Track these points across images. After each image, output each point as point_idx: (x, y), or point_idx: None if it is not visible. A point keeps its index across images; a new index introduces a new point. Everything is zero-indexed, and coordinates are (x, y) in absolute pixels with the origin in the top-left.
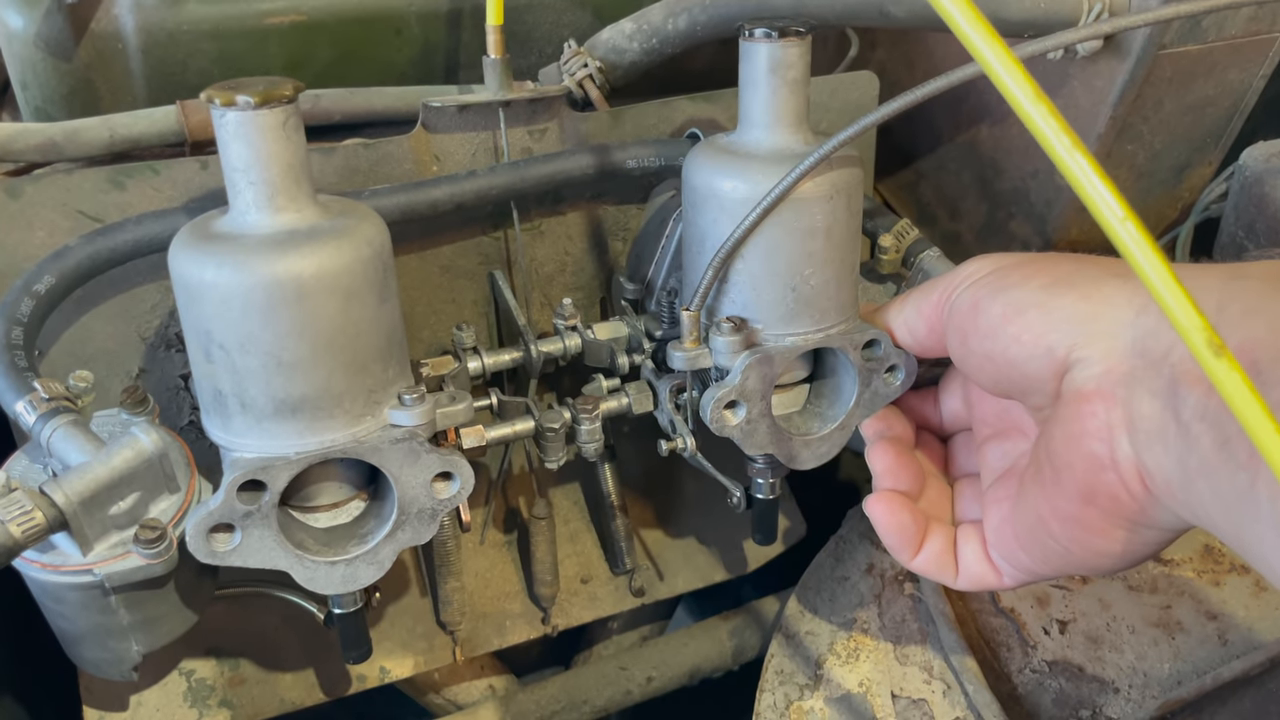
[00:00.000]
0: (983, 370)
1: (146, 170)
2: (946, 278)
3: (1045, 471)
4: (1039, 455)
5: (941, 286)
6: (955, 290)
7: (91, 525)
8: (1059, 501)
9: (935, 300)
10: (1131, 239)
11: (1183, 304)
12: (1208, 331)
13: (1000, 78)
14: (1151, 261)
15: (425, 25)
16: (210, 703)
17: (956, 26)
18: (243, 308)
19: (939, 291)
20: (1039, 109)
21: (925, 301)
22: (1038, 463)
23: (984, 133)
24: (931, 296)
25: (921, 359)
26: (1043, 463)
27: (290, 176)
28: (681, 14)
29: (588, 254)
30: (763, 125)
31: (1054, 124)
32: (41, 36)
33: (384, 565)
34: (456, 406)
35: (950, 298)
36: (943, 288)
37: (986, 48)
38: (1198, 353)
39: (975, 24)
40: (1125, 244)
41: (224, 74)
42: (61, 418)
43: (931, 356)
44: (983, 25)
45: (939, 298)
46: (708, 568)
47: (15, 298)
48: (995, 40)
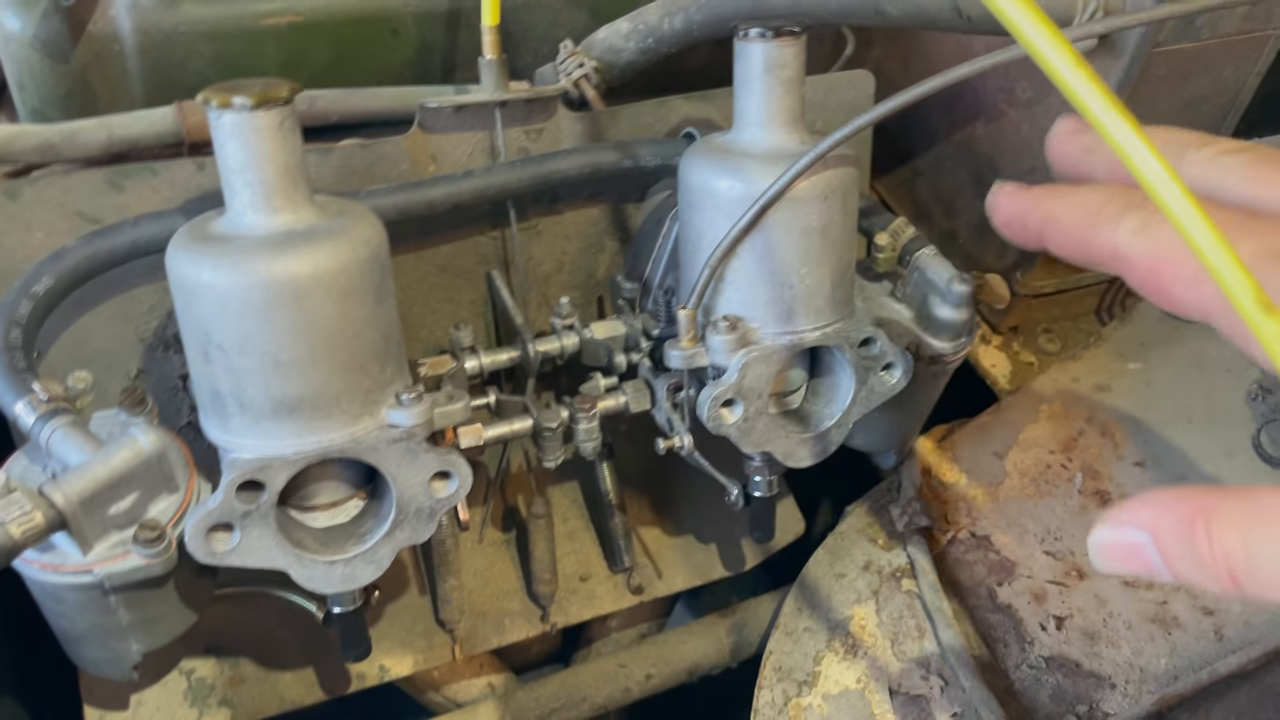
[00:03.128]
0: None
1: (144, 171)
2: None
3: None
4: None
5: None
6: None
7: (91, 525)
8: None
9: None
10: (1175, 200)
11: (1229, 264)
12: (1256, 290)
13: (1029, 38)
14: (1196, 221)
15: (422, 26)
16: (210, 702)
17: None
18: (240, 308)
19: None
20: (1078, 75)
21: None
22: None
23: (980, 130)
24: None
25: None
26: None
27: (287, 177)
28: (677, 14)
29: (585, 253)
30: (758, 124)
31: (1093, 87)
32: (39, 38)
33: (382, 564)
34: (454, 406)
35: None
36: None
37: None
38: (1245, 313)
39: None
40: (1168, 205)
41: (221, 75)
42: (60, 418)
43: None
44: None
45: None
46: (706, 565)
47: (14, 299)
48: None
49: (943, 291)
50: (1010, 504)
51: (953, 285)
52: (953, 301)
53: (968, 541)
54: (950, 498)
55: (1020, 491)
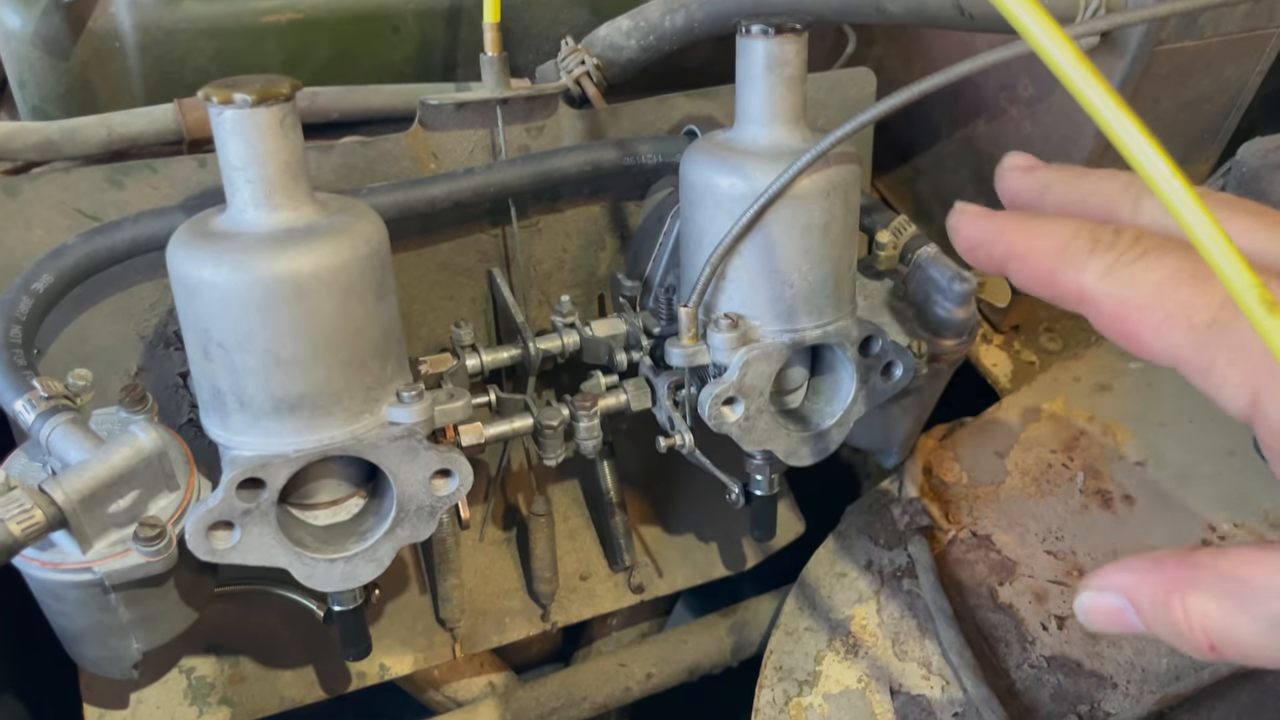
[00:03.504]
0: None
1: (145, 169)
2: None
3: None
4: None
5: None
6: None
7: (91, 523)
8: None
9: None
10: (1179, 197)
11: (1233, 262)
12: (1259, 289)
13: (1037, 38)
14: (1200, 220)
15: (422, 23)
16: (210, 700)
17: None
18: (241, 306)
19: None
20: (1079, 70)
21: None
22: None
23: (981, 128)
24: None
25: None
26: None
27: (288, 174)
28: (679, 11)
29: (585, 251)
30: (760, 122)
31: (1097, 85)
32: (39, 35)
33: (383, 562)
34: (455, 404)
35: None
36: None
37: (1024, 12)
38: (1250, 312)
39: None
40: (1172, 201)
41: (222, 72)
42: (61, 416)
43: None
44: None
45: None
46: (706, 564)
47: (14, 296)
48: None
49: (944, 290)
50: (1012, 503)
51: (954, 284)
52: (954, 300)
53: (969, 541)
54: (951, 497)
55: (1022, 491)
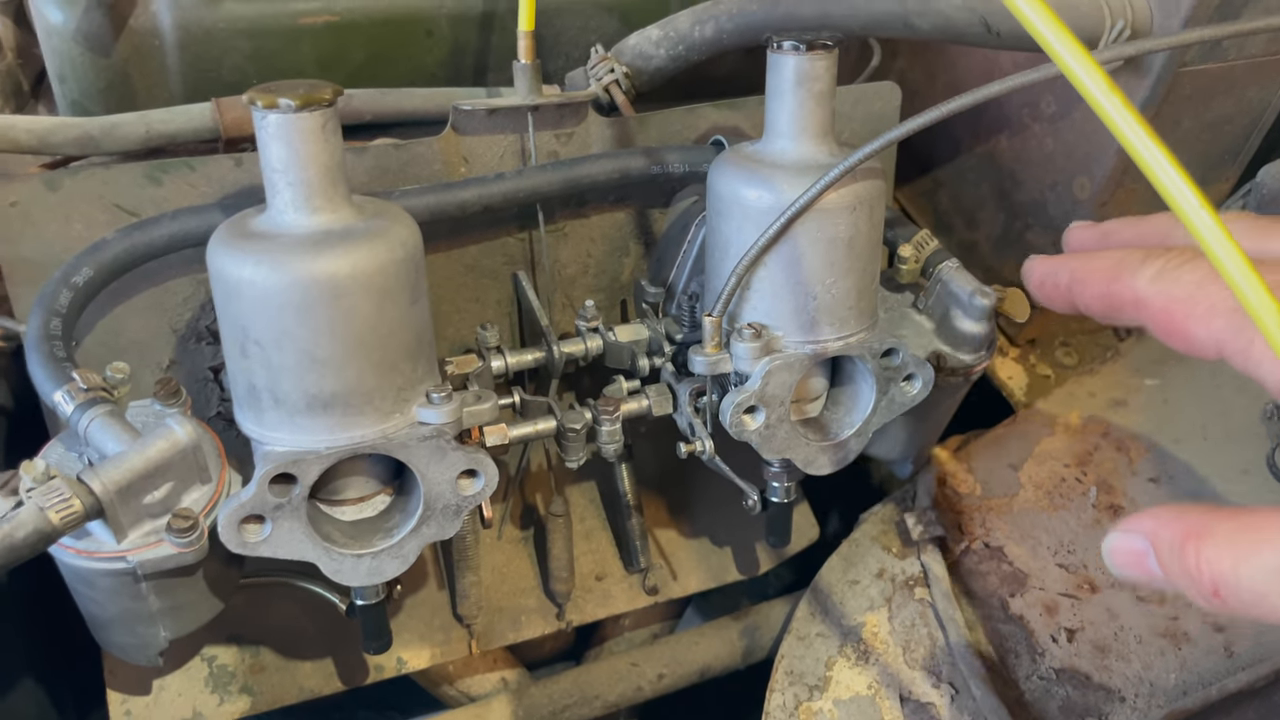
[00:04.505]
0: None
1: (183, 166)
2: None
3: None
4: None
5: None
6: None
7: (126, 513)
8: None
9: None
10: (1206, 226)
11: (1259, 292)
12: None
13: (1068, 65)
14: (1226, 248)
15: (456, 27)
16: (231, 689)
17: (1029, 24)
18: (279, 305)
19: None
20: (1111, 100)
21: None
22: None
23: (1003, 144)
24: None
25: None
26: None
27: (327, 178)
28: (708, 22)
29: (610, 257)
30: (788, 135)
31: (1127, 113)
32: (81, 31)
33: (408, 559)
34: (482, 405)
35: None
36: None
37: (1057, 41)
38: (1273, 340)
39: (1049, 22)
40: (1199, 230)
41: (258, 72)
42: (99, 408)
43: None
44: (1052, 18)
45: None
46: (720, 568)
47: (54, 289)
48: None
49: (965, 304)
50: (1024, 516)
51: (975, 298)
52: (975, 315)
53: (981, 552)
54: (965, 508)
55: (1035, 504)
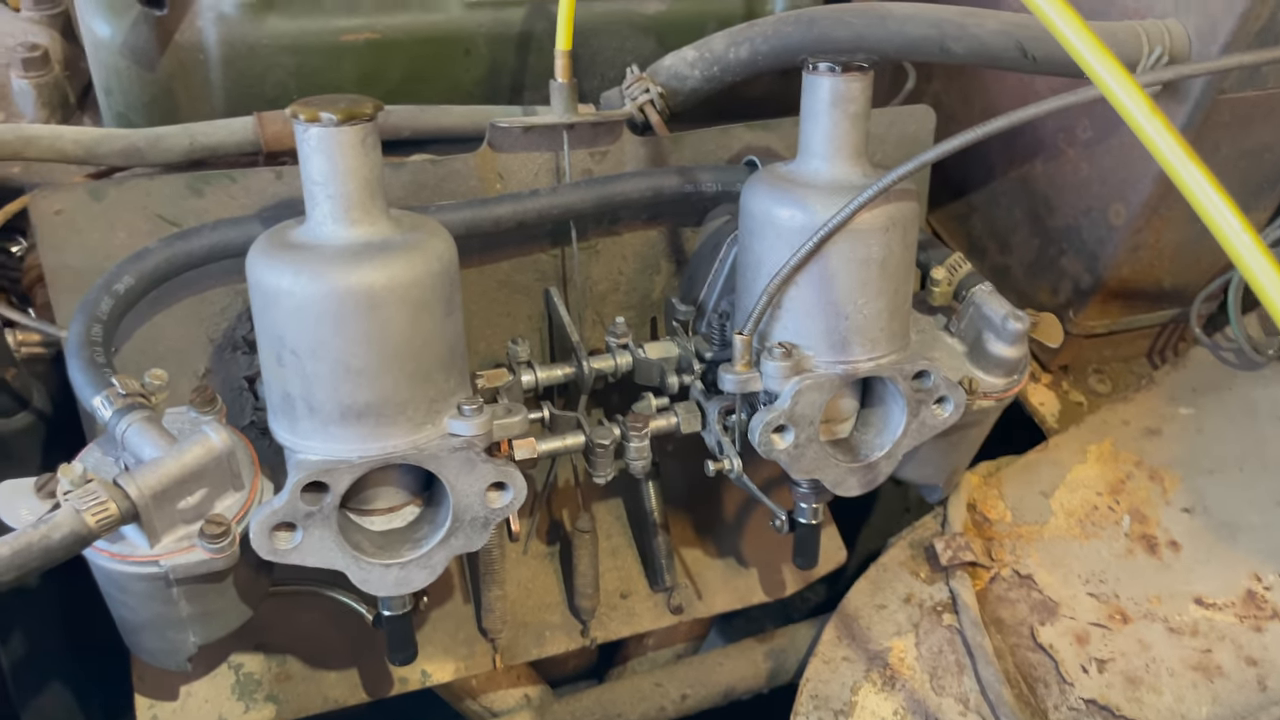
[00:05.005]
0: None
1: (224, 178)
2: None
3: None
4: None
5: None
6: None
7: (161, 518)
8: None
9: None
10: (1247, 249)
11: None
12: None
13: (1113, 92)
14: (1268, 273)
15: (493, 47)
16: (257, 697)
17: (1070, 47)
18: (316, 315)
19: None
20: (1153, 122)
21: None
22: None
23: (1038, 169)
24: None
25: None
26: None
27: (366, 191)
28: (743, 43)
29: (641, 274)
30: (822, 156)
31: (1170, 138)
32: (128, 45)
33: (436, 570)
34: (513, 419)
35: None
36: None
37: (1098, 63)
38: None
39: (1090, 44)
40: (1240, 254)
41: (300, 87)
42: (137, 413)
43: None
44: (1096, 43)
45: None
46: (746, 589)
47: (96, 296)
48: (1109, 58)
49: (998, 328)
50: (1055, 544)
51: (1008, 322)
52: (1007, 338)
53: (1011, 579)
54: (995, 534)
55: (1066, 531)
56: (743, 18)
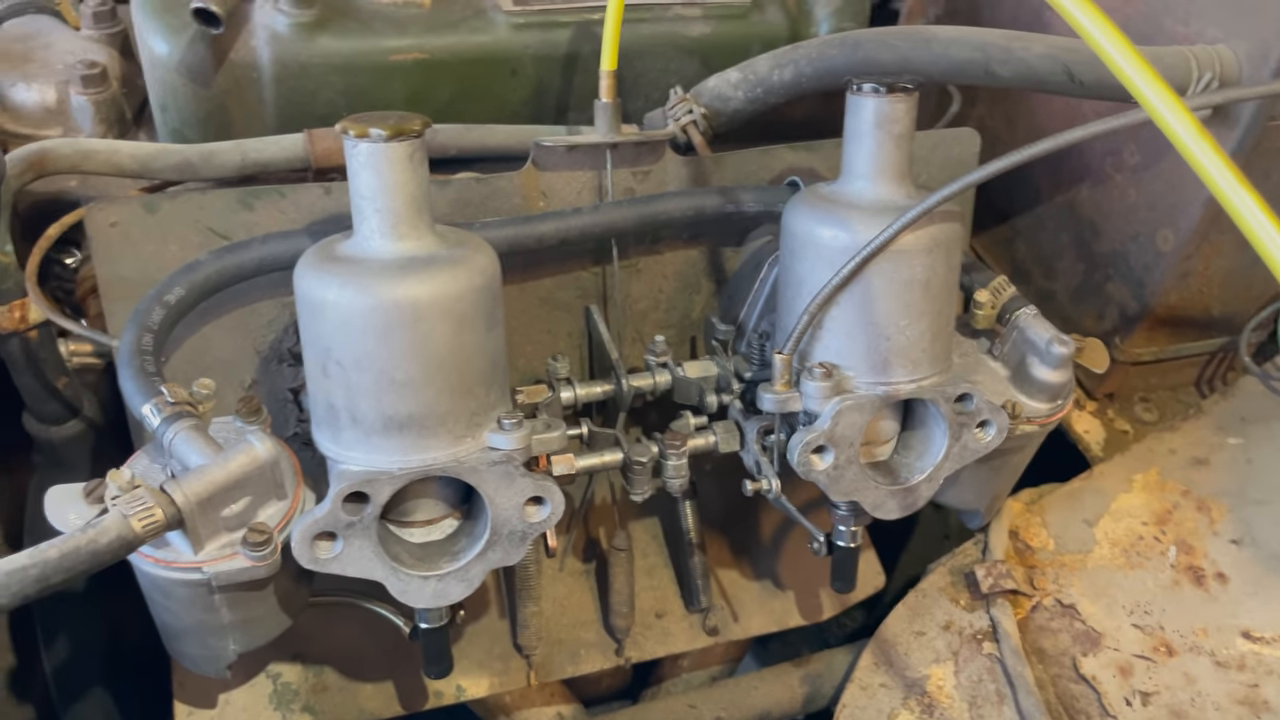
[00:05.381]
0: None
1: (274, 193)
2: None
3: None
4: None
5: None
6: None
7: (205, 525)
8: None
9: None
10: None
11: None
12: None
13: (1162, 116)
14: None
15: (540, 67)
16: (294, 707)
17: (1118, 69)
18: (361, 327)
19: None
20: (1203, 147)
21: None
22: None
23: (1084, 194)
24: None
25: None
26: None
27: (413, 206)
28: (787, 66)
29: (681, 293)
30: (865, 177)
31: (1218, 160)
32: (184, 63)
33: (473, 583)
34: (551, 434)
35: None
36: None
37: (1147, 86)
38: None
39: (1138, 67)
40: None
41: (350, 106)
42: (184, 422)
43: None
44: (1144, 66)
45: None
46: (783, 612)
47: (148, 306)
48: (1157, 80)
49: (1042, 352)
50: (1099, 573)
51: (1052, 346)
52: (1052, 363)
53: (1053, 608)
54: (1037, 562)
55: (1110, 561)
56: (787, 40)
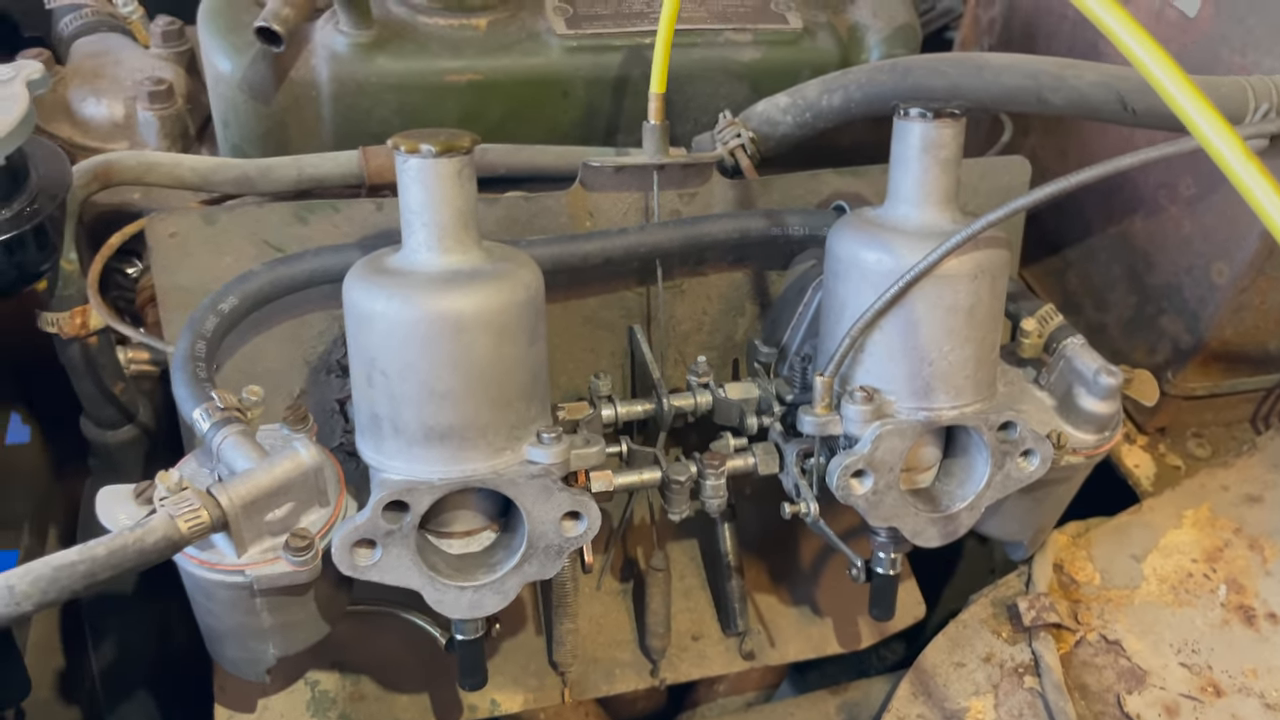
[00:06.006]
0: None
1: (328, 208)
2: None
3: None
4: None
5: None
6: None
7: (249, 528)
8: None
9: None
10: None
11: None
12: None
13: (1213, 145)
14: None
15: (590, 90)
16: (331, 714)
17: (1169, 96)
18: (405, 338)
19: None
20: (1257, 178)
21: None
22: None
23: (1137, 225)
24: None
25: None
26: None
27: (460, 221)
28: (837, 91)
29: (725, 315)
30: (911, 201)
31: (1271, 191)
32: (246, 80)
33: (509, 595)
34: (590, 449)
35: None
36: None
37: (1198, 114)
38: None
39: (1189, 94)
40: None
41: (404, 124)
42: (232, 427)
43: None
44: (1196, 94)
45: None
46: (820, 639)
47: (202, 314)
48: (1209, 108)
49: (1089, 382)
50: (1146, 610)
51: (1100, 377)
52: (1099, 393)
53: (1098, 644)
54: (1082, 596)
55: (1158, 598)
56: (837, 66)
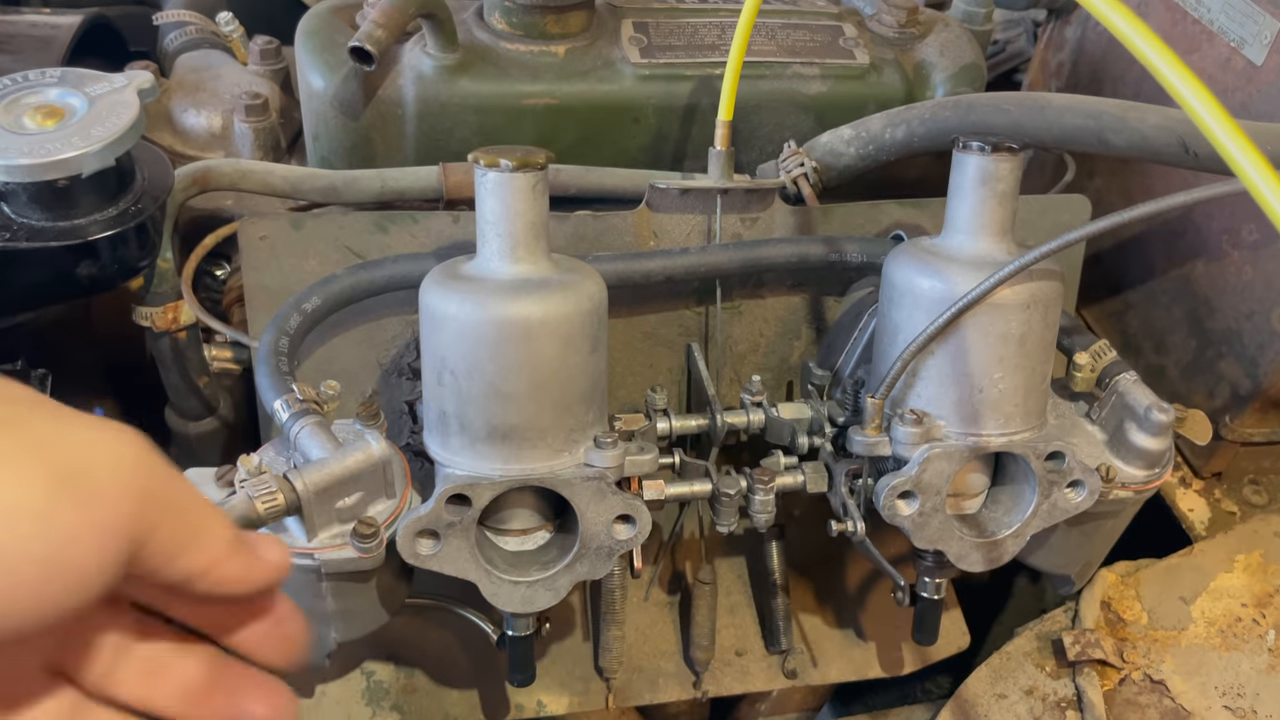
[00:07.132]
0: None
1: (407, 219)
2: None
3: None
4: None
5: None
6: None
7: (320, 514)
8: None
9: None
10: None
11: None
12: None
13: (1259, 189)
14: None
15: (660, 117)
16: (384, 704)
17: (1216, 140)
18: (475, 340)
19: None
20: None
21: None
22: None
23: (1199, 269)
24: None
25: None
26: None
27: (531, 233)
28: (900, 125)
29: (781, 338)
30: (967, 232)
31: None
32: (337, 97)
33: (560, 593)
34: (644, 457)
35: None
36: None
37: (1244, 159)
38: None
39: (1237, 140)
40: None
41: (483, 144)
42: (309, 418)
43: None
44: (1242, 139)
45: None
46: (863, 662)
47: (286, 312)
48: (1255, 154)
49: (1140, 418)
50: (1193, 652)
51: (1151, 413)
52: (1150, 430)
53: (1142, 683)
54: (1129, 635)
55: (1206, 641)
56: (902, 101)
